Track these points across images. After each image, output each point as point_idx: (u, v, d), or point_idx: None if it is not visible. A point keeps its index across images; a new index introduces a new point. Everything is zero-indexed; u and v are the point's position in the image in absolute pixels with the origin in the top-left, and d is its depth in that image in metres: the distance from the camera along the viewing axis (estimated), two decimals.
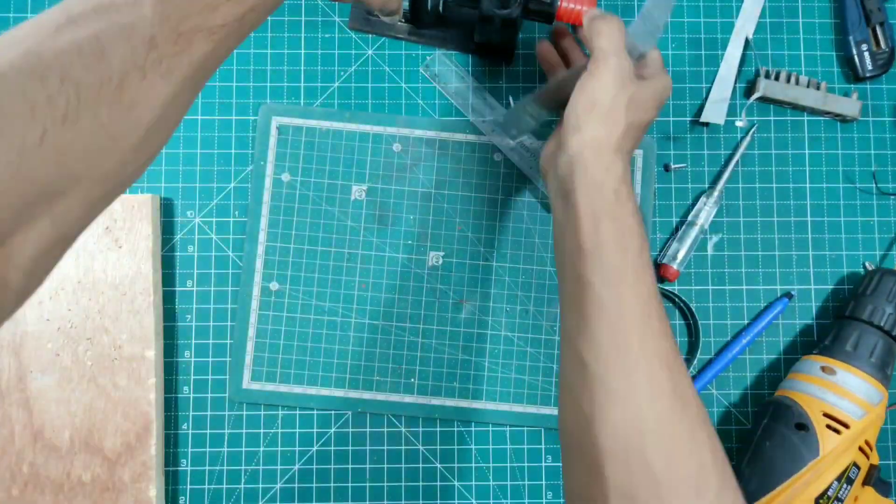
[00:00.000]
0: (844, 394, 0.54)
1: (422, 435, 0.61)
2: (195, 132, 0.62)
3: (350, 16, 0.62)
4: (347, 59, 0.63)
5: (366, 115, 0.62)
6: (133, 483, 0.57)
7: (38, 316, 0.58)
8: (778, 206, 0.63)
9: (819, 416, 0.54)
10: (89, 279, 0.58)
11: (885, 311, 0.56)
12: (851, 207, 0.63)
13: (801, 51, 0.64)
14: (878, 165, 0.63)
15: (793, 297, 0.62)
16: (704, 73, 0.63)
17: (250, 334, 0.60)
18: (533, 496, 0.60)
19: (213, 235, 0.61)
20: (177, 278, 0.61)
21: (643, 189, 0.62)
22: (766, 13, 0.64)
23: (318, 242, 0.61)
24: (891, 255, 0.62)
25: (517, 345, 0.61)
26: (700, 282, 0.62)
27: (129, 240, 0.59)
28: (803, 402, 0.55)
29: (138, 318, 0.58)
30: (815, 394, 0.55)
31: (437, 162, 0.62)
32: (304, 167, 0.61)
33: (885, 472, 0.61)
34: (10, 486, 0.57)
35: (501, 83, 0.63)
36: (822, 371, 0.56)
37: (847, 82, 0.64)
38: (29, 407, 0.58)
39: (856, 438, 0.54)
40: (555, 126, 0.51)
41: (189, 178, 0.62)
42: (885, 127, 0.63)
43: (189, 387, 0.60)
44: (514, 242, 0.61)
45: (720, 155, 0.63)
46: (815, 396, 0.55)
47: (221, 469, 0.60)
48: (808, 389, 0.56)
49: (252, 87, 0.62)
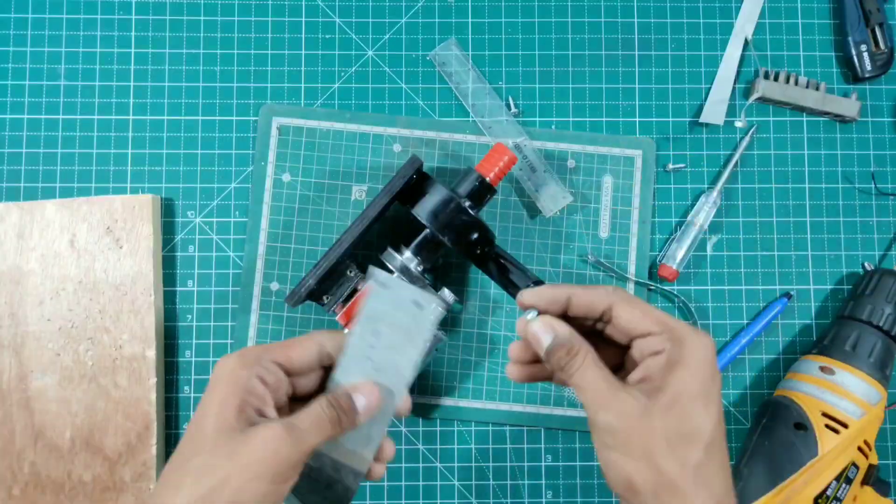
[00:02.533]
0: (843, 394, 0.55)
1: (422, 435, 0.61)
2: (196, 132, 0.62)
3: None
4: (348, 59, 0.63)
5: (366, 115, 0.62)
6: (134, 483, 0.57)
7: (39, 316, 0.58)
8: (777, 206, 0.63)
9: (818, 416, 0.54)
10: (90, 279, 0.59)
11: (884, 312, 0.57)
12: (850, 208, 0.63)
13: (800, 51, 0.64)
14: (877, 166, 0.63)
15: (792, 297, 0.62)
16: (704, 73, 0.63)
17: (250, 334, 0.61)
18: (533, 496, 0.60)
19: (214, 235, 0.61)
20: (177, 278, 0.61)
21: (643, 189, 0.62)
22: (766, 14, 0.64)
23: (318, 242, 0.61)
24: (890, 255, 0.62)
25: None
26: (700, 282, 0.62)
27: (129, 240, 0.59)
28: (802, 402, 0.55)
29: (139, 318, 0.58)
30: (814, 394, 0.55)
31: (437, 162, 0.62)
32: (304, 167, 0.62)
33: (884, 472, 0.61)
34: (10, 485, 0.57)
35: (502, 84, 0.63)
36: (821, 371, 0.56)
37: (846, 83, 0.64)
38: (30, 407, 0.58)
39: (855, 438, 0.54)
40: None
41: (190, 178, 0.62)
42: (885, 127, 0.63)
43: (189, 387, 0.61)
44: (514, 242, 0.61)
45: (719, 155, 0.63)
46: (814, 396, 0.55)
47: None
48: (807, 389, 0.56)
49: (252, 88, 0.62)
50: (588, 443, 0.61)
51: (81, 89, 0.62)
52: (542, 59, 0.63)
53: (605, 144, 0.62)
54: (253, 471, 0.37)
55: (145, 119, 0.62)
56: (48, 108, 0.62)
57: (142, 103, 0.62)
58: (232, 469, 0.37)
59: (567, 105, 0.63)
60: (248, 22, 0.63)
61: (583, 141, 0.62)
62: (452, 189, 0.56)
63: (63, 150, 0.62)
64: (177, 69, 0.62)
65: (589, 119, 0.63)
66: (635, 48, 0.64)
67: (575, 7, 0.64)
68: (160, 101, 0.62)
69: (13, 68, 0.62)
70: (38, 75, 0.62)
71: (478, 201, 0.56)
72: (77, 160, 0.62)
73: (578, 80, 0.63)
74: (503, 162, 0.56)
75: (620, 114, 0.63)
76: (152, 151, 0.62)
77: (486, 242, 0.55)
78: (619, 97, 0.63)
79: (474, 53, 0.63)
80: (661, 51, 0.64)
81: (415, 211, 0.55)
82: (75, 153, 0.62)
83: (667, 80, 0.63)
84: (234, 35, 0.63)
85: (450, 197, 0.54)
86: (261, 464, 0.38)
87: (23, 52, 0.62)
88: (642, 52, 0.64)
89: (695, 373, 0.37)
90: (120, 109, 0.62)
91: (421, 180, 0.55)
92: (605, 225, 0.62)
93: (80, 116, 0.62)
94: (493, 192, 0.57)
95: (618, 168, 0.62)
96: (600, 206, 0.62)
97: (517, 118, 0.62)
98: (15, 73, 0.62)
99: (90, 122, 0.62)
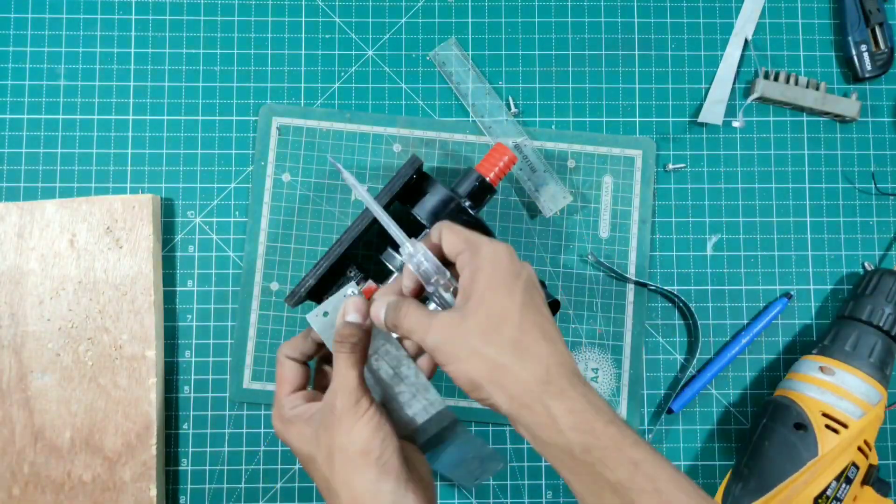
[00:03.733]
0: (843, 394, 0.54)
1: None
2: (196, 132, 0.62)
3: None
4: (347, 59, 0.63)
5: (366, 115, 0.62)
6: (133, 483, 0.57)
7: (39, 316, 0.58)
8: (777, 206, 0.63)
9: (818, 416, 0.54)
10: (90, 279, 0.59)
11: (884, 312, 0.57)
12: (850, 208, 0.63)
13: (800, 51, 0.64)
14: (877, 166, 0.63)
15: (792, 298, 0.62)
16: (704, 73, 0.63)
17: (251, 334, 0.61)
18: (533, 496, 0.60)
19: (214, 235, 0.61)
20: (177, 278, 0.61)
21: (643, 189, 0.62)
22: (766, 14, 0.64)
23: (318, 242, 0.61)
24: (890, 255, 0.62)
25: None
26: (700, 282, 0.62)
27: (129, 240, 0.59)
28: (802, 402, 0.55)
29: (139, 317, 0.58)
30: (814, 394, 0.55)
31: (437, 162, 0.62)
32: (304, 167, 0.62)
33: (884, 472, 0.61)
34: (10, 485, 0.57)
35: (502, 84, 0.63)
36: (821, 371, 0.56)
37: (846, 83, 0.64)
38: (29, 407, 0.58)
39: (855, 438, 0.54)
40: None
41: (190, 178, 0.62)
42: (885, 127, 0.63)
43: (189, 387, 0.60)
44: (514, 242, 0.61)
45: (719, 155, 0.63)
46: (814, 396, 0.55)
47: (221, 469, 0.60)
48: (807, 389, 0.56)
49: (252, 88, 0.62)
50: None
51: (81, 89, 0.62)
52: (542, 58, 0.63)
53: (605, 144, 0.62)
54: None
55: (145, 119, 0.62)
56: (48, 107, 0.62)
57: (141, 103, 0.62)
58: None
59: (567, 105, 0.63)
60: (248, 22, 0.63)
61: (583, 141, 0.62)
62: (452, 189, 0.56)
63: (63, 150, 0.62)
64: (177, 69, 0.62)
65: (589, 119, 0.63)
66: (635, 48, 0.64)
67: (575, 7, 0.64)
68: (160, 101, 0.62)
69: (13, 68, 0.62)
70: (37, 75, 0.62)
71: (478, 201, 0.56)
72: (77, 160, 0.62)
73: (578, 80, 0.63)
74: (503, 162, 0.56)
75: (620, 114, 0.63)
76: (152, 151, 0.62)
77: None
78: (619, 97, 0.63)
79: (474, 53, 0.63)
80: (662, 51, 0.63)
81: (415, 211, 0.55)
82: (75, 153, 0.62)
83: (667, 80, 0.63)
84: (234, 35, 0.63)
85: (450, 197, 0.54)
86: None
87: (22, 51, 0.62)
88: (642, 51, 0.63)
89: (492, 272, 0.42)
90: (120, 109, 0.62)
91: (421, 180, 0.55)
92: (605, 225, 0.62)
93: (79, 116, 0.62)
94: (493, 192, 0.57)
95: (618, 168, 0.62)
96: (600, 206, 0.62)
97: (517, 118, 0.62)
98: (15, 73, 0.62)
99: (90, 121, 0.62)
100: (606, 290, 0.61)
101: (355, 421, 0.42)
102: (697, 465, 0.61)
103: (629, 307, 0.61)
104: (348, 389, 0.43)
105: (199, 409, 0.60)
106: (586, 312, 0.61)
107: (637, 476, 0.38)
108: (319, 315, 0.47)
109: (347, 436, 0.42)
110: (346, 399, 0.43)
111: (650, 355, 0.61)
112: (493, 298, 0.41)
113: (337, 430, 0.42)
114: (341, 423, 0.42)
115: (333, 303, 0.47)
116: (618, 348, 0.61)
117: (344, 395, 0.43)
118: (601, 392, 0.60)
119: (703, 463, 0.61)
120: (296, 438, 0.45)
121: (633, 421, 0.60)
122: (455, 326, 0.41)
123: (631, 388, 0.61)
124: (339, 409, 0.43)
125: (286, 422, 0.45)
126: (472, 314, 0.41)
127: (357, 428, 0.42)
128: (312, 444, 0.44)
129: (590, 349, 0.61)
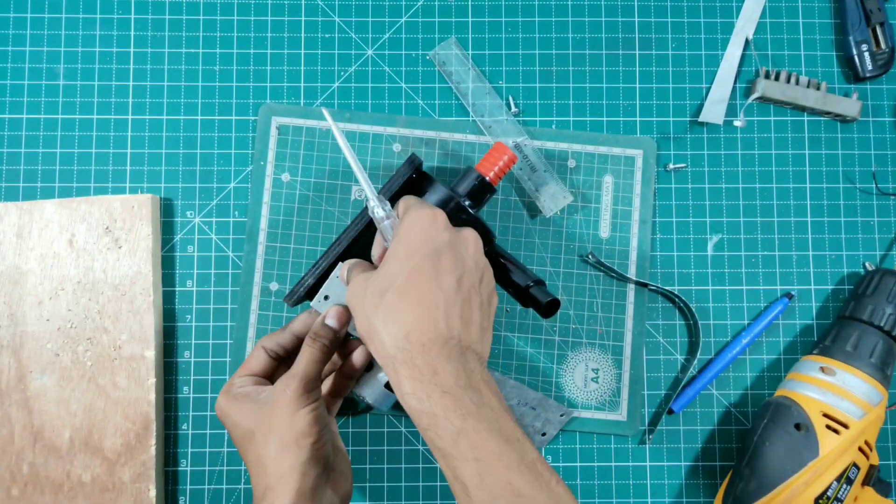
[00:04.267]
0: (844, 394, 0.54)
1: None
2: (195, 132, 0.62)
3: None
4: (347, 59, 0.63)
5: (366, 115, 0.62)
6: (133, 483, 0.57)
7: (38, 316, 0.58)
8: (778, 206, 0.63)
9: (819, 417, 0.54)
10: (89, 279, 0.58)
11: (885, 312, 0.57)
12: (851, 207, 0.63)
13: (801, 51, 0.64)
14: (878, 166, 0.63)
15: (793, 298, 0.62)
16: (705, 72, 0.63)
17: (250, 334, 0.60)
18: None
19: (213, 235, 0.61)
20: (177, 278, 0.61)
21: (643, 189, 0.62)
22: (766, 13, 0.64)
23: (318, 242, 0.61)
24: (891, 255, 0.62)
25: (517, 345, 0.61)
26: (700, 282, 0.62)
27: (128, 240, 0.59)
28: (803, 403, 0.55)
29: (138, 318, 0.58)
30: (815, 394, 0.55)
31: (437, 161, 0.62)
32: (304, 167, 0.61)
33: (885, 473, 0.61)
34: (9, 486, 0.57)
35: (502, 83, 0.63)
36: (822, 371, 0.56)
37: (847, 82, 0.64)
38: (29, 407, 0.58)
39: (855, 439, 0.54)
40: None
41: (189, 178, 0.62)
42: (885, 127, 0.63)
43: (189, 387, 0.60)
44: (514, 242, 0.61)
45: (720, 155, 0.63)
46: (815, 397, 0.55)
47: (221, 469, 0.60)
48: (808, 390, 0.56)
49: (252, 88, 0.62)
50: (588, 443, 0.61)
51: (80, 89, 0.62)
52: (542, 58, 0.63)
53: (605, 144, 0.62)
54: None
55: (144, 119, 0.62)
56: (47, 107, 0.62)
57: (141, 103, 0.62)
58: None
59: (567, 104, 0.63)
60: (248, 22, 0.63)
61: (583, 140, 0.62)
62: (452, 188, 0.55)
63: (62, 150, 0.61)
64: (176, 69, 0.62)
65: (589, 118, 0.63)
66: (636, 48, 0.63)
67: (575, 6, 0.64)
68: (159, 101, 0.62)
69: (12, 68, 0.62)
70: (37, 75, 0.62)
71: (478, 201, 0.56)
72: (76, 160, 0.61)
73: (579, 80, 0.63)
74: (503, 161, 0.56)
75: (621, 113, 0.63)
76: (151, 151, 0.62)
77: (485, 242, 0.55)
78: (619, 96, 0.63)
79: (474, 53, 0.63)
80: (662, 50, 0.63)
81: None
82: (74, 153, 0.61)
83: (668, 80, 0.63)
84: (234, 35, 0.63)
85: (449, 196, 0.54)
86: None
87: (22, 51, 0.62)
88: (643, 51, 0.63)
89: (401, 238, 0.46)
90: (119, 109, 0.62)
91: (420, 179, 0.55)
92: (606, 225, 0.62)
93: (78, 116, 0.62)
94: (492, 192, 0.57)
95: (618, 168, 0.62)
96: (600, 205, 0.62)
97: (517, 117, 0.62)
98: (14, 73, 0.62)
99: (89, 121, 0.62)
100: (607, 290, 0.61)
101: (301, 406, 0.47)
102: (698, 466, 0.61)
103: (630, 307, 0.61)
104: (305, 379, 0.48)
105: (199, 409, 0.60)
106: (586, 312, 0.61)
107: (460, 444, 0.42)
108: (321, 300, 0.52)
109: (291, 417, 0.46)
110: (301, 386, 0.47)
111: (651, 355, 0.61)
112: (391, 264, 0.46)
113: (283, 411, 0.47)
114: (289, 406, 0.47)
115: (331, 287, 0.52)
116: (618, 348, 0.61)
117: (300, 383, 0.47)
118: (601, 392, 0.60)
119: (704, 463, 0.61)
120: (238, 413, 0.48)
121: (633, 421, 0.60)
122: (359, 285, 0.47)
123: (631, 389, 0.61)
124: (292, 392, 0.47)
125: (231, 397, 0.49)
126: (374, 276, 0.46)
127: (301, 413, 0.47)
128: (255, 420, 0.48)
129: (590, 349, 0.61)
